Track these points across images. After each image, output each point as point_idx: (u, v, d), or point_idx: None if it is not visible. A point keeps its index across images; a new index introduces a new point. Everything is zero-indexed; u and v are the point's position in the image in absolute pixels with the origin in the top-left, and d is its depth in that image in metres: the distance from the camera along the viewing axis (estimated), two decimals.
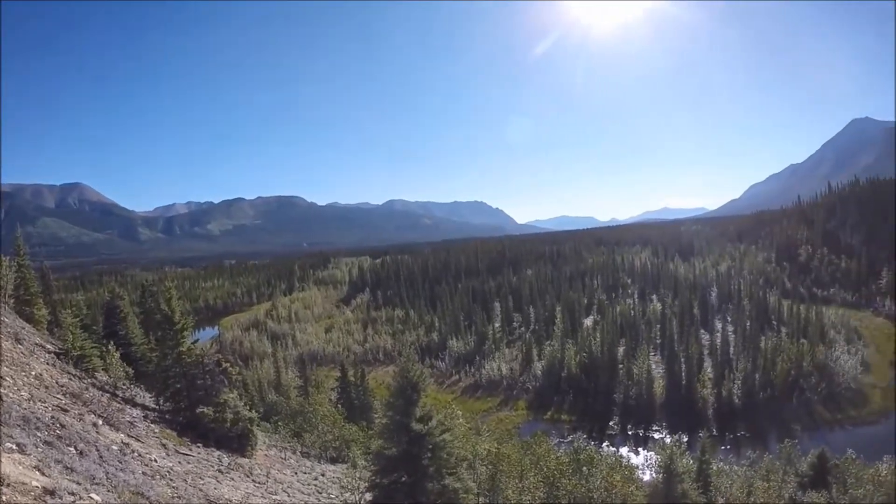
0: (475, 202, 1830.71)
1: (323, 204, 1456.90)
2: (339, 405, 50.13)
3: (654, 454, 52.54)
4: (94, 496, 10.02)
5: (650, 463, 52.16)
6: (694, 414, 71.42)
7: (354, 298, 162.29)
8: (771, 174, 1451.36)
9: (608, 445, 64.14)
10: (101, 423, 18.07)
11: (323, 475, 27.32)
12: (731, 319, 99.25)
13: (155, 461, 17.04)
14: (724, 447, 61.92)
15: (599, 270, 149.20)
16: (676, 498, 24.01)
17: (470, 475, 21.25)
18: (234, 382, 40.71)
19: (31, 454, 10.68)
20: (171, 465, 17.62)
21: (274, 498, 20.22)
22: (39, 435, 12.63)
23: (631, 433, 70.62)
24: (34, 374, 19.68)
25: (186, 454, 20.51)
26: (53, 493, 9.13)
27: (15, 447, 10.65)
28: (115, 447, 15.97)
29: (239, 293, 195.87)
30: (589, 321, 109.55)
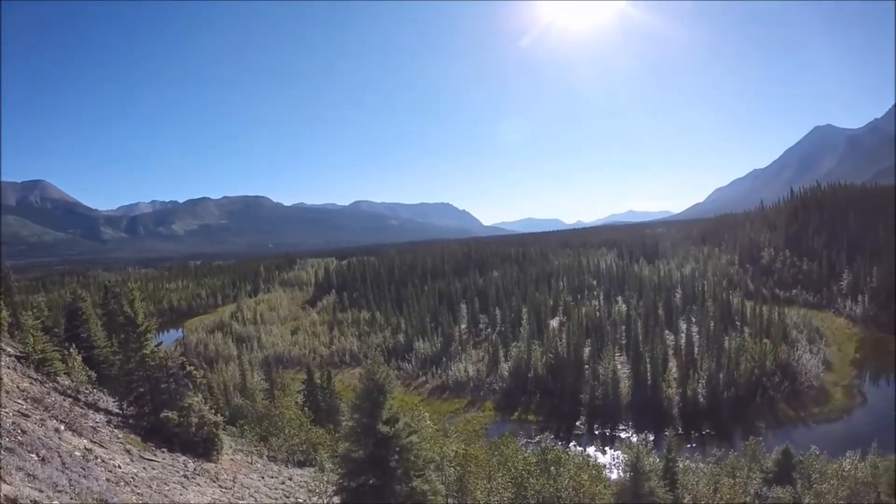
0: (442, 204, 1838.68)
1: (289, 204, 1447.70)
2: (305, 408, 49.75)
3: (620, 453, 53.22)
4: None
5: (617, 462, 52.95)
6: (660, 413, 72.31)
7: (320, 300, 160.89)
8: (735, 179, 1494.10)
9: (575, 445, 64.39)
10: (63, 428, 17.78)
11: (290, 479, 27.19)
12: (695, 320, 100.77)
13: (119, 467, 16.84)
14: (689, 445, 62.62)
15: (565, 272, 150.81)
16: (644, 496, 24.40)
17: (438, 477, 21.45)
18: (198, 386, 40.14)
19: None
20: (135, 471, 17.42)
21: (241, 503, 20.12)
22: (0, 441, 12.43)
23: (598, 433, 71.17)
24: None
25: (151, 460, 20.26)
26: (15, 501, 9.06)
27: None
28: (77, 453, 15.75)
29: (204, 294, 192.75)
30: (555, 322, 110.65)
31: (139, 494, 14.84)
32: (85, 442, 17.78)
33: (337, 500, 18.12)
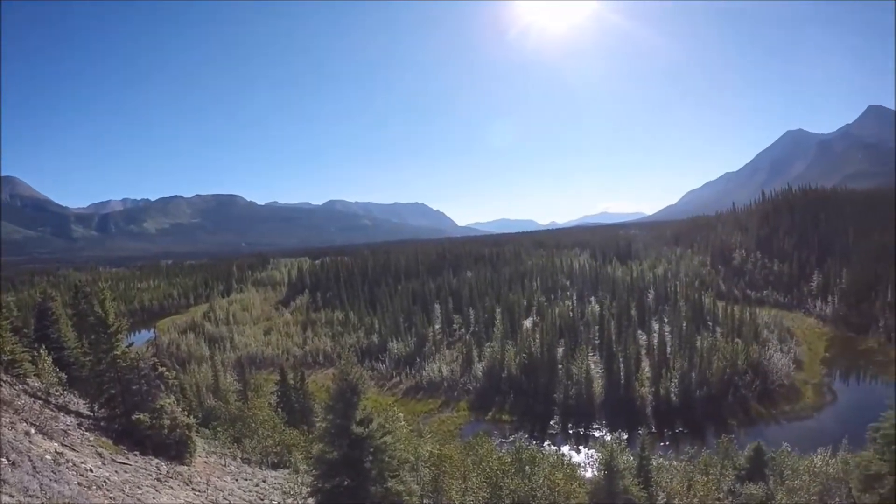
0: (416, 204, 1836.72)
1: (262, 203, 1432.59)
2: (279, 409, 49.54)
3: (594, 452, 54.03)
4: None
5: (591, 461, 53.49)
6: (633, 412, 73.53)
7: (294, 300, 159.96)
8: (707, 181, 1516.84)
9: (549, 444, 64.97)
10: (33, 431, 17.57)
11: (264, 481, 27.11)
12: (667, 320, 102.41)
13: (91, 471, 16.70)
14: (663, 443, 63.54)
15: (539, 272, 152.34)
16: (618, 494, 24.76)
17: (413, 477, 21.62)
18: (170, 387, 39.85)
19: None
20: (107, 474, 17.29)
21: None
22: None
23: (571, 432, 71.96)
24: None
25: (123, 463, 20.10)
26: None
27: None
28: (48, 457, 15.60)
29: (175, 294, 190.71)
30: (528, 322, 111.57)
31: (111, 498, 14.76)
32: (56, 445, 17.58)
33: (312, 501, 18.18)
